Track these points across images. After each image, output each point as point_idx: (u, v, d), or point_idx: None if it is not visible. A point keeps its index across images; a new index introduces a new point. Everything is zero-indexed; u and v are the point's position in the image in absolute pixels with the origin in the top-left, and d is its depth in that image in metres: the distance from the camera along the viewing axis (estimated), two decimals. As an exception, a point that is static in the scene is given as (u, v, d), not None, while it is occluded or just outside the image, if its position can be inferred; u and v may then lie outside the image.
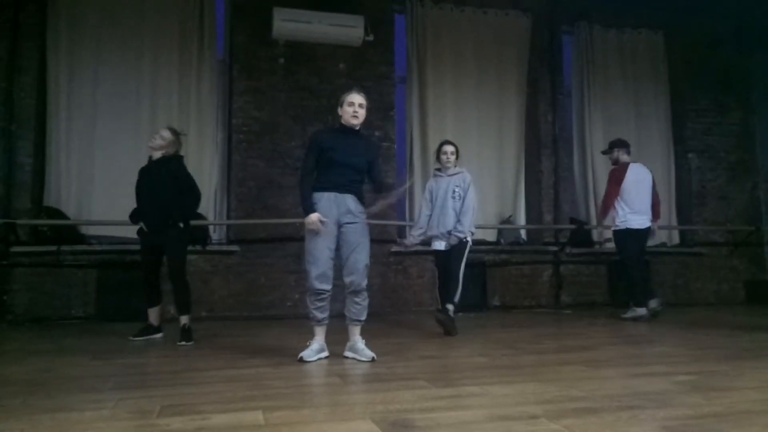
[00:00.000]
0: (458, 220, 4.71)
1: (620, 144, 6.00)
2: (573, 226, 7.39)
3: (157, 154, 4.52)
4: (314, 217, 3.33)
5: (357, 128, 3.52)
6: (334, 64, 6.80)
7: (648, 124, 7.97)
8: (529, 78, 7.62)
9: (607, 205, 5.90)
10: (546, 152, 7.49)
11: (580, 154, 7.74)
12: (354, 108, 3.45)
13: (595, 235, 7.66)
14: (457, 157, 4.89)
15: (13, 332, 5.03)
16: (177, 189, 4.43)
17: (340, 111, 3.51)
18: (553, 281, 7.27)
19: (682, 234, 7.99)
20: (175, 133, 4.60)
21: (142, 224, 4.45)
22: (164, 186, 4.41)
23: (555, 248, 7.30)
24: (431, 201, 4.86)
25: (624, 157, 5.92)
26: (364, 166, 3.53)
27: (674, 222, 7.91)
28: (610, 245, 6.84)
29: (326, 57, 6.77)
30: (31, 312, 5.70)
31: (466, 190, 4.79)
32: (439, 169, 4.95)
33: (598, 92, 7.78)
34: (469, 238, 4.72)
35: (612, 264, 7.13)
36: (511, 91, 7.50)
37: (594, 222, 7.43)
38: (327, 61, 6.77)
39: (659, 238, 7.27)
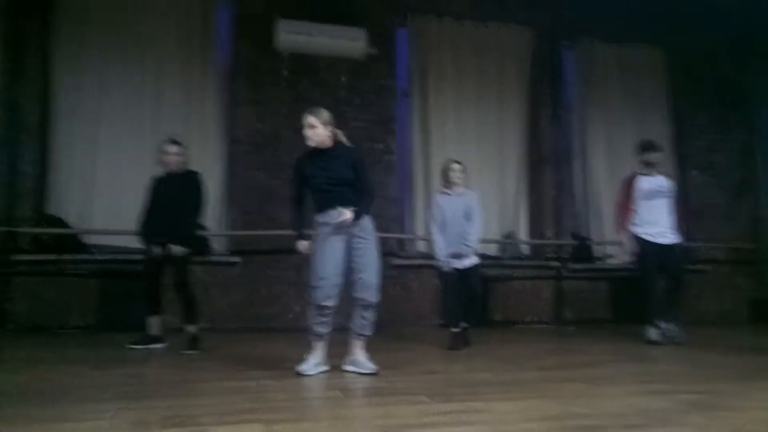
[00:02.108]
0: (468, 238, 4.74)
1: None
2: (575, 242, 7.37)
3: (178, 168, 4.59)
4: (302, 246, 3.57)
5: (327, 146, 3.49)
6: (336, 76, 6.81)
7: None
8: (531, 92, 7.62)
9: None
10: (547, 167, 7.50)
11: (581, 169, 7.72)
12: (305, 131, 3.46)
13: (596, 251, 7.64)
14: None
15: (13, 341, 5.00)
16: (190, 204, 4.50)
17: None
18: (555, 297, 7.25)
19: (685, 251, 7.95)
20: (178, 143, 4.65)
21: (149, 245, 4.48)
22: (180, 200, 4.46)
23: (557, 264, 7.27)
24: (440, 219, 4.76)
25: None
26: (351, 176, 3.47)
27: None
28: (612, 261, 6.86)
29: (328, 69, 6.79)
30: (31, 320, 5.67)
31: (477, 210, 4.80)
32: (446, 187, 4.85)
33: (599, 107, 7.77)
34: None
35: (616, 280, 7.16)
36: (512, 105, 7.50)
37: (595, 237, 7.42)
38: (329, 74, 6.79)
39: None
